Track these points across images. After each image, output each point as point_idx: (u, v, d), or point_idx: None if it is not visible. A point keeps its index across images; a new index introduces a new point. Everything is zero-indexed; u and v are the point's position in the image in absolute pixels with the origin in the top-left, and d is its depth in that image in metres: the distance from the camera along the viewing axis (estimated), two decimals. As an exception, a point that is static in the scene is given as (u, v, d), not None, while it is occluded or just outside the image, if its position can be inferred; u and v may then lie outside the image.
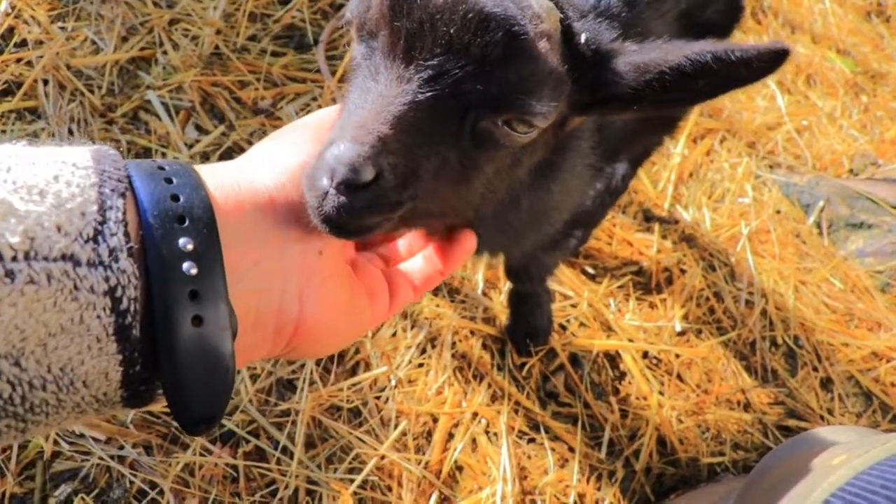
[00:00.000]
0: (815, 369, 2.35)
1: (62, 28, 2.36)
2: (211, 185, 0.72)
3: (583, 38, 0.89)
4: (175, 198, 0.66)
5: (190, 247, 0.64)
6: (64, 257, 0.57)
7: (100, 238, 0.60)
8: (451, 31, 0.77)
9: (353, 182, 0.72)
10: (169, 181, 0.67)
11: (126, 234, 0.61)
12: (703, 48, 0.82)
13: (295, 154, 0.81)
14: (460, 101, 0.79)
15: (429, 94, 0.78)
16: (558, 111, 0.89)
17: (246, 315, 0.71)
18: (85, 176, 0.62)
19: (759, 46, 0.80)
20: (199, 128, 2.31)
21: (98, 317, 0.59)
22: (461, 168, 0.85)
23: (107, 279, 0.59)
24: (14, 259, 0.55)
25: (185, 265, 0.64)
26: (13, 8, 2.32)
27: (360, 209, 0.73)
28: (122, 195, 0.63)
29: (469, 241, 1.01)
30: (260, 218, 0.74)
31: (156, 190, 0.66)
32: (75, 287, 0.57)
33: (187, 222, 0.65)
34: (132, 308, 0.61)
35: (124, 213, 0.62)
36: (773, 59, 0.81)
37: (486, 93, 0.79)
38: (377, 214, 0.76)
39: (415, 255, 1.04)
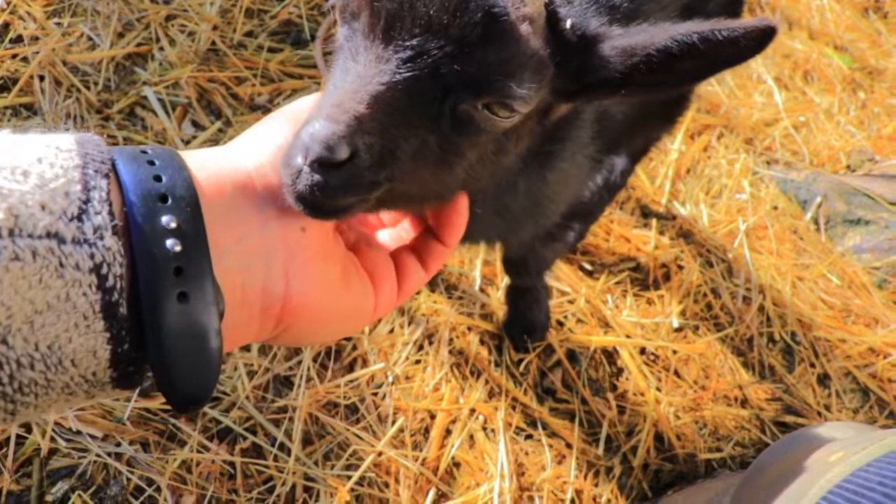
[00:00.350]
0: (813, 365, 2.35)
1: (58, 24, 2.35)
2: (193, 166, 0.72)
3: (568, 23, 0.88)
4: (158, 178, 0.67)
5: (173, 224, 0.64)
6: (48, 235, 0.57)
7: (84, 217, 0.60)
8: (431, 11, 0.76)
9: (326, 160, 0.71)
10: (151, 163, 0.68)
11: (110, 213, 0.62)
12: (690, 28, 0.82)
13: (275, 138, 0.81)
14: (439, 83, 0.79)
15: (407, 74, 0.77)
16: (540, 96, 0.88)
17: (232, 293, 0.71)
18: (68, 158, 0.63)
19: (746, 24, 0.79)
20: (195, 124, 2.31)
21: (84, 294, 0.59)
22: (441, 152, 0.84)
23: (92, 256, 0.60)
24: None
25: (169, 242, 0.64)
26: (9, 4, 2.31)
27: (334, 188, 0.73)
28: (106, 176, 0.64)
29: (461, 203, 0.99)
30: (240, 198, 0.74)
31: (139, 171, 0.66)
32: (60, 264, 0.58)
33: (170, 201, 0.66)
34: (118, 285, 0.61)
35: (108, 193, 0.63)
36: (760, 38, 0.80)
37: (465, 74, 0.78)
38: (352, 194, 0.75)
39: (415, 234, 1.02)
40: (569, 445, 2.03)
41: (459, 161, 0.88)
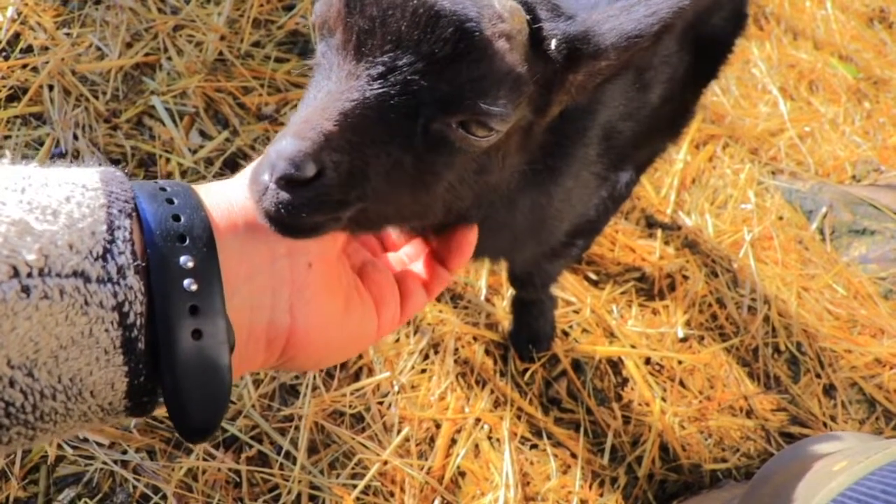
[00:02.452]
0: (818, 376, 2.35)
1: (67, 34, 2.37)
2: (208, 204, 0.75)
3: (553, 44, 0.85)
4: (176, 218, 0.69)
5: (190, 264, 0.67)
6: (76, 274, 0.60)
7: (108, 256, 0.63)
8: (402, 26, 0.75)
9: (291, 178, 0.71)
10: (170, 202, 0.71)
11: (133, 252, 0.65)
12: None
13: None
14: (410, 101, 0.77)
15: (377, 91, 0.76)
16: (518, 114, 0.86)
17: (240, 329, 0.74)
18: (94, 197, 0.66)
19: None
20: (203, 133, 2.32)
21: (106, 330, 0.62)
22: (416, 172, 0.82)
23: (115, 295, 0.62)
24: (29, 275, 0.57)
25: (186, 282, 0.67)
26: (19, 14, 2.34)
27: (300, 206, 0.72)
28: (129, 216, 0.67)
29: (471, 232, 0.98)
30: (251, 235, 0.76)
31: (159, 210, 0.69)
32: (86, 302, 0.60)
33: (188, 241, 0.68)
34: (138, 322, 0.64)
35: (131, 233, 0.66)
36: None
37: (436, 92, 0.77)
38: (319, 213, 0.74)
39: (420, 257, 1.03)
40: (574, 455, 2.03)
41: (436, 181, 0.86)
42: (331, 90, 0.77)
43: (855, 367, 2.37)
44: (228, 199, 0.77)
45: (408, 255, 1.05)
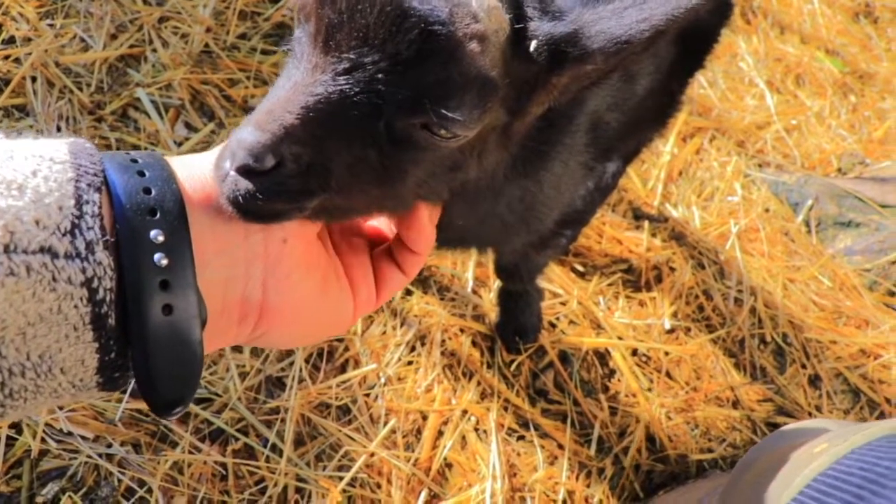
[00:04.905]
0: (804, 367, 2.36)
1: (51, 25, 2.35)
2: (181, 175, 0.73)
3: (532, 45, 0.82)
4: (147, 191, 0.68)
5: (161, 238, 0.66)
6: (42, 250, 0.59)
7: (77, 231, 0.62)
8: (369, 23, 0.73)
9: (249, 168, 0.71)
10: (141, 174, 0.69)
11: (102, 227, 0.63)
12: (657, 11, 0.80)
13: None
14: (374, 99, 0.75)
15: (342, 86, 0.74)
16: (487, 118, 0.83)
17: (213, 302, 0.73)
18: (62, 171, 0.64)
19: None
20: (188, 126, 2.31)
21: (75, 307, 0.61)
22: (381, 167, 0.80)
23: (83, 270, 0.61)
24: None
25: (157, 256, 0.66)
26: (1, 5, 2.32)
27: (255, 195, 0.72)
28: (98, 189, 0.65)
29: (420, 213, 0.94)
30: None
31: (129, 183, 0.68)
32: (53, 278, 0.59)
33: (158, 215, 0.67)
34: (108, 298, 0.63)
35: (100, 207, 0.64)
36: None
37: (398, 93, 0.75)
38: (277, 201, 0.74)
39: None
40: (561, 446, 2.03)
41: (404, 177, 0.84)
42: (297, 81, 0.76)
43: (840, 357, 2.39)
44: (203, 170, 0.76)
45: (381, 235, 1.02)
